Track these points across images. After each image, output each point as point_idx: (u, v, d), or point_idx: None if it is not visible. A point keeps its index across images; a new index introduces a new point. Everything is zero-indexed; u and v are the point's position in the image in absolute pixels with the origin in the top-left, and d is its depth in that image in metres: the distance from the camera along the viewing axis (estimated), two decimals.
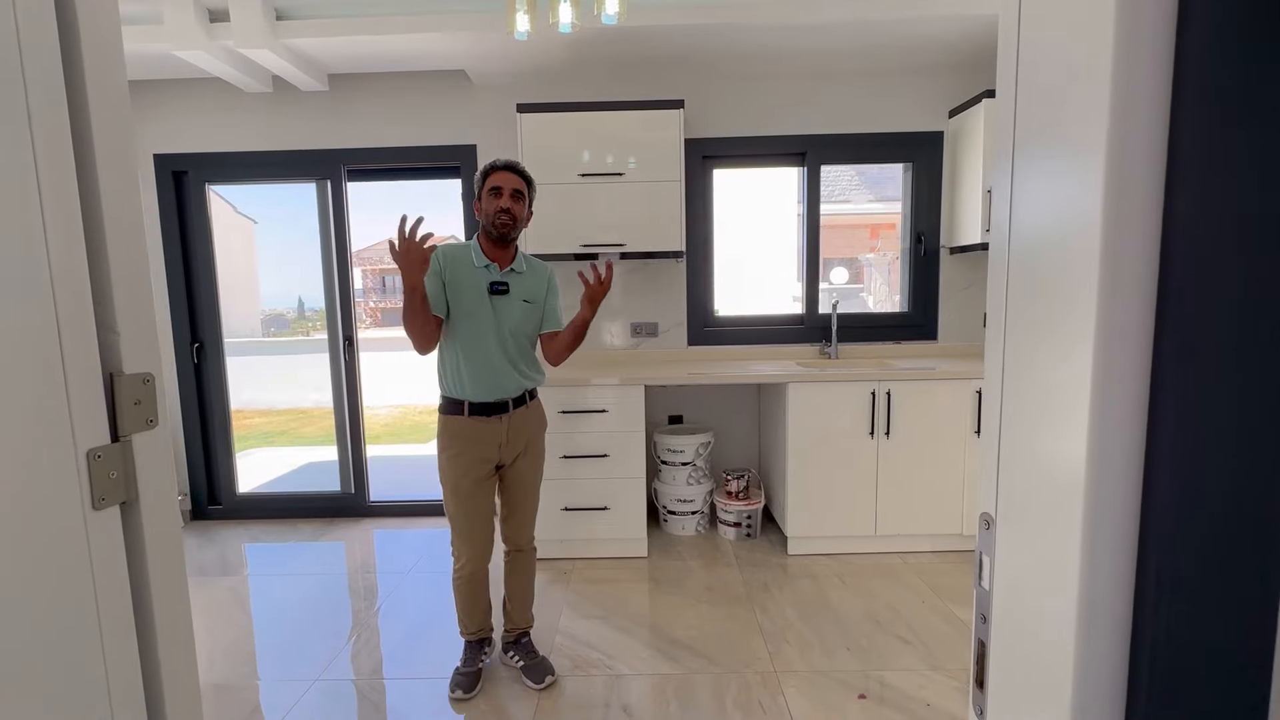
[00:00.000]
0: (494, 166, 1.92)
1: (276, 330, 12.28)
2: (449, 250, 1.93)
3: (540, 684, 2.00)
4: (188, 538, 3.33)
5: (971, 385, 2.77)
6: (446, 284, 1.89)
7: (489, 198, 1.90)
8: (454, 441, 1.92)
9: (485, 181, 1.91)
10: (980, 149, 2.95)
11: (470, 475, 1.93)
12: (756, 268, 10.17)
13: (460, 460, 1.92)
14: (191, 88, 3.26)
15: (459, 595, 2.03)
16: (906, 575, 2.69)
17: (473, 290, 1.90)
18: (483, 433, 1.93)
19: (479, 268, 1.92)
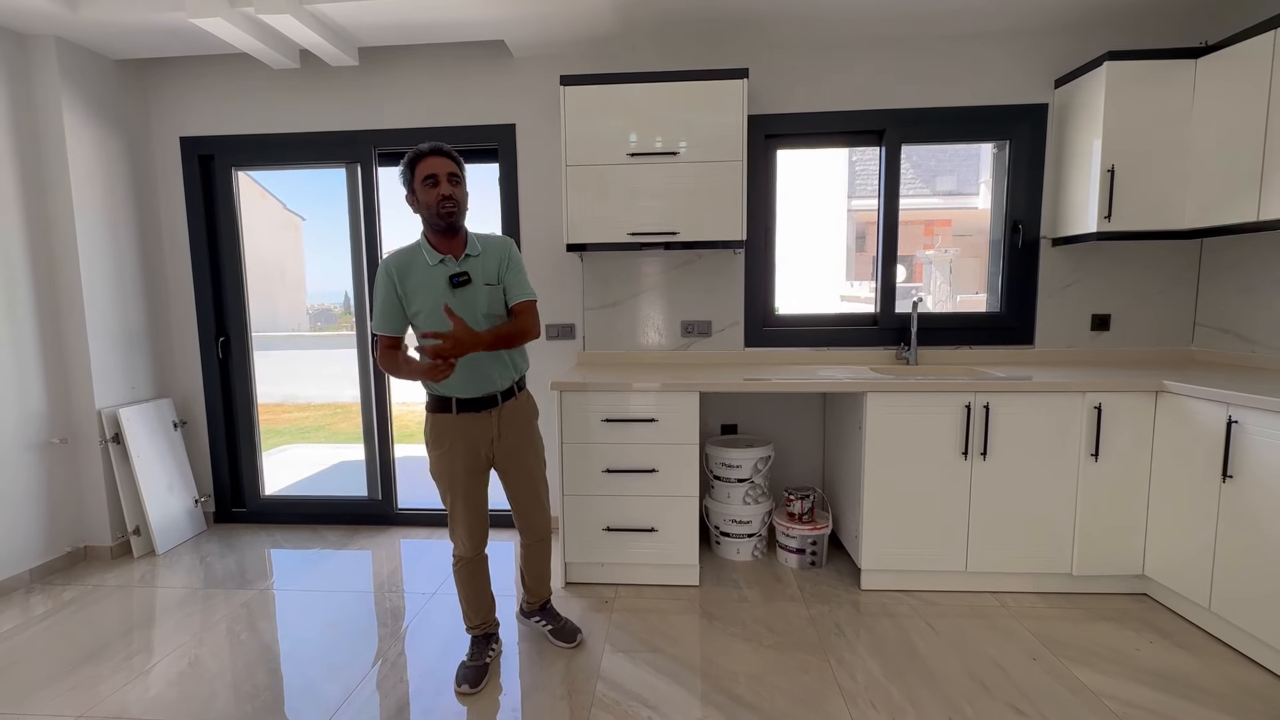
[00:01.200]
0: (420, 153, 1.81)
1: (323, 324, 12.45)
2: (398, 260, 1.84)
3: (572, 643, 2.14)
4: (208, 542, 3.15)
5: (1087, 400, 2.34)
6: (404, 296, 1.82)
7: (425, 188, 1.80)
8: (444, 438, 1.91)
9: (415, 172, 1.80)
10: (1099, 121, 2.51)
11: (464, 470, 1.94)
12: (798, 264, 9.73)
13: (453, 457, 1.92)
14: (217, 65, 3.08)
15: (462, 582, 2.04)
16: (1006, 621, 2.28)
17: (433, 290, 1.82)
18: (473, 429, 1.92)
19: (433, 265, 1.83)
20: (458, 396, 1.89)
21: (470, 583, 2.05)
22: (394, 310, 1.83)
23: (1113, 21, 2.73)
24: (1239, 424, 2.00)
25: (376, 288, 1.84)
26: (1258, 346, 2.57)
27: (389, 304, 1.83)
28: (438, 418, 1.92)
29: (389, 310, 1.83)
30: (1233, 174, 2.32)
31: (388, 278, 1.82)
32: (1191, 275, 2.85)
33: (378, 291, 1.84)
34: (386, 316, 1.84)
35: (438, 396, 1.92)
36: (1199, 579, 2.15)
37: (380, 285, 1.83)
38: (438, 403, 1.92)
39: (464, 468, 1.93)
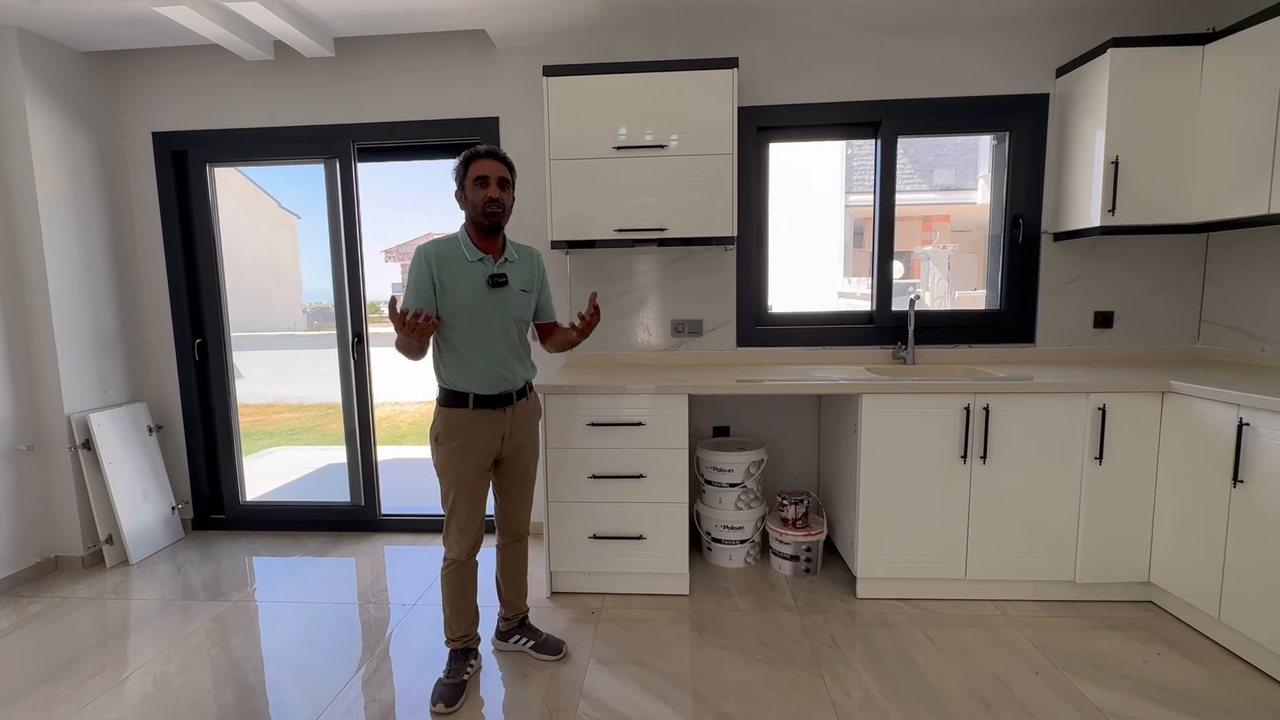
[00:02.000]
0: (476, 154, 1.86)
1: (320, 323, 12.36)
2: (438, 249, 1.86)
3: (558, 655, 2.08)
4: (185, 551, 3.06)
5: (1091, 401, 2.25)
6: (440, 285, 1.83)
7: (475, 188, 1.84)
8: (458, 433, 1.88)
9: (468, 170, 1.85)
10: (1102, 111, 2.41)
11: (475, 467, 1.91)
12: (795, 261, 9.64)
13: (465, 452, 1.89)
14: (188, 57, 2.97)
15: (450, 587, 1.97)
16: (1008, 632, 2.19)
17: (470, 285, 1.85)
18: (488, 425, 1.91)
19: (473, 262, 1.87)
20: (476, 392, 1.88)
21: (458, 589, 1.98)
22: (426, 297, 1.83)
23: (1116, 7, 2.63)
24: (1250, 426, 1.91)
25: (411, 274, 1.84)
26: (1267, 344, 2.49)
27: (423, 290, 1.83)
28: (452, 412, 1.89)
29: (422, 297, 1.83)
30: (1242, 165, 2.23)
31: (426, 265, 1.83)
32: (1198, 271, 2.76)
33: (411, 277, 1.84)
34: (418, 302, 1.82)
35: (454, 391, 1.89)
36: (1208, 588, 2.06)
37: (417, 271, 1.83)
38: (453, 397, 1.89)
39: (474, 463, 1.91)
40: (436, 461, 1.92)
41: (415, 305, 1.81)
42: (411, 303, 1.82)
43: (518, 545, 2.14)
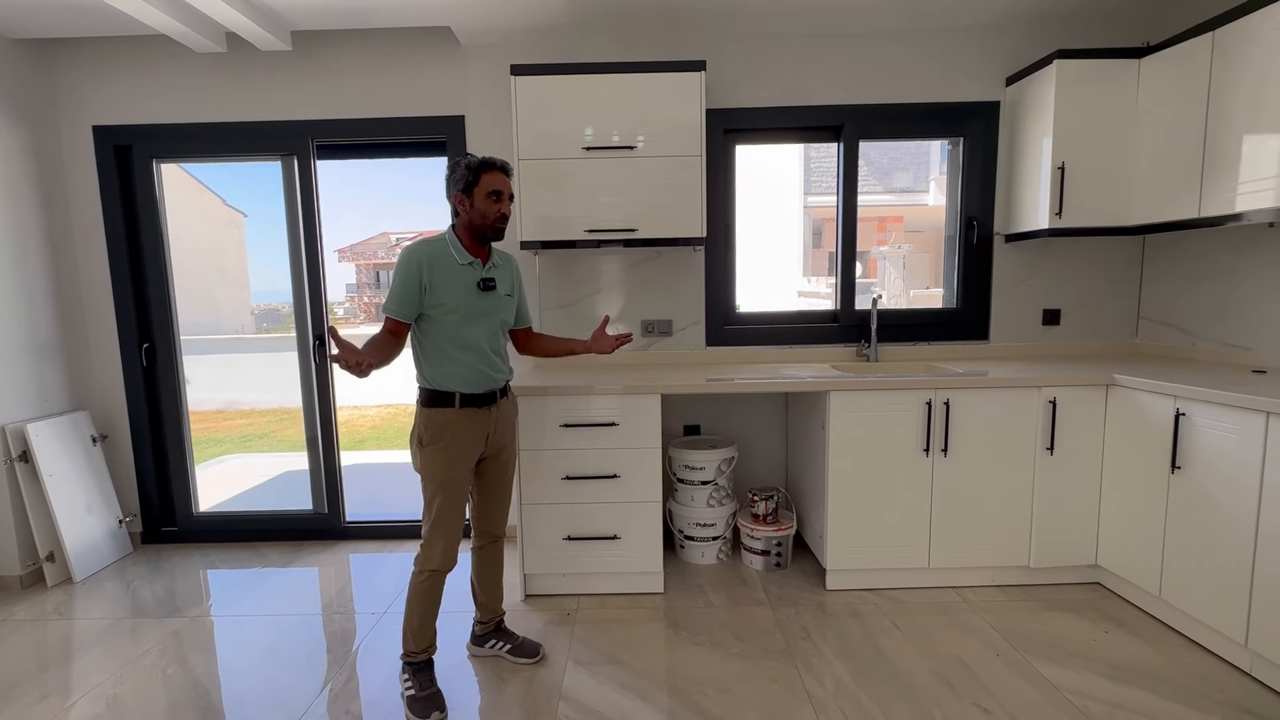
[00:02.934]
0: (492, 165, 1.85)
1: (270, 325, 11.86)
2: (428, 251, 1.83)
3: (535, 658, 2.09)
4: (134, 566, 2.91)
5: (1042, 394, 2.37)
6: (428, 287, 1.81)
7: (489, 200, 1.84)
8: (444, 433, 1.86)
9: (480, 180, 1.83)
10: (1049, 119, 2.54)
11: (460, 468, 1.89)
12: (756, 261, 9.80)
13: (451, 453, 1.87)
14: (133, 47, 2.83)
15: (426, 598, 1.91)
16: (968, 616, 2.29)
17: (460, 287, 1.84)
18: (473, 424, 1.89)
19: (464, 265, 1.86)
20: (462, 391, 1.87)
21: (433, 601, 1.92)
22: (412, 297, 1.80)
23: (1063, 20, 2.77)
24: (1186, 416, 2.05)
25: (399, 272, 1.81)
26: (1197, 339, 2.66)
27: (409, 290, 1.80)
28: (437, 412, 1.86)
29: (409, 297, 1.80)
30: (1175, 172, 2.38)
31: (417, 266, 1.80)
32: (1135, 271, 2.94)
33: (399, 276, 1.80)
34: (405, 302, 1.80)
35: (439, 391, 1.86)
36: (1149, 568, 2.20)
37: (406, 271, 1.79)
38: (438, 397, 1.86)
39: (460, 465, 1.89)
40: (420, 465, 1.88)
41: (400, 303, 1.80)
42: (396, 301, 1.80)
43: (494, 546, 2.12)
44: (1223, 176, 2.19)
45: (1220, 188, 2.20)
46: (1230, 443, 1.90)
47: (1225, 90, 2.18)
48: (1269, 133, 2.04)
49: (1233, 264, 2.51)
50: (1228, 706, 1.78)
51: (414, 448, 1.90)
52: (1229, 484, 1.91)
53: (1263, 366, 2.35)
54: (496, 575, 2.15)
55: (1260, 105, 2.06)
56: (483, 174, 1.84)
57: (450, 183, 1.87)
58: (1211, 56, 2.22)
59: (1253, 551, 1.84)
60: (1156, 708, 1.78)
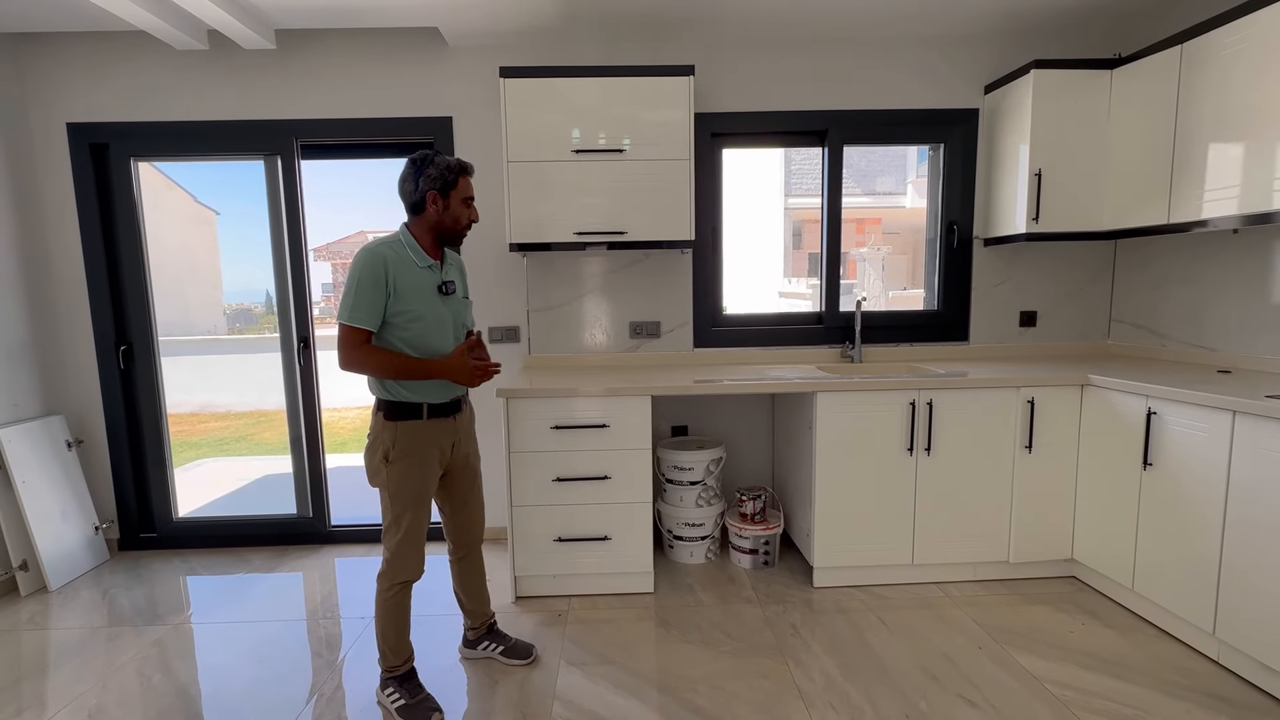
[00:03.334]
0: (469, 169, 1.82)
1: (243, 326, 11.60)
2: (393, 253, 1.74)
3: (528, 658, 2.08)
4: (111, 574, 2.85)
5: (1021, 394, 2.44)
6: (394, 292, 1.72)
7: (462, 205, 1.81)
8: (413, 446, 1.79)
9: (458, 183, 1.79)
10: (1026, 127, 2.62)
11: (430, 481, 1.85)
12: (739, 262, 9.88)
13: (421, 466, 1.81)
14: (112, 44, 2.76)
15: (400, 611, 1.86)
16: (951, 611, 2.35)
17: (423, 292, 1.77)
18: (440, 435, 1.85)
19: (424, 268, 1.79)
20: (429, 401, 1.80)
21: (406, 612, 1.88)
22: (380, 303, 1.70)
23: (1039, 31, 2.85)
24: (1158, 415, 2.13)
25: (364, 276, 1.67)
26: (1167, 340, 2.76)
27: (377, 295, 1.69)
28: (406, 425, 1.77)
29: (377, 303, 1.69)
30: (1145, 179, 2.47)
31: (384, 269, 1.69)
32: (1108, 274, 3.04)
33: (366, 280, 1.67)
34: (372, 309, 1.69)
35: (405, 403, 1.77)
36: (1123, 561, 2.28)
37: (372, 275, 1.68)
38: (404, 409, 1.77)
39: (430, 477, 1.84)
40: (387, 482, 1.78)
41: (369, 313, 1.68)
42: (363, 307, 1.67)
43: (475, 556, 2.09)
44: (1190, 184, 2.28)
45: (1188, 195, 2.29)
46: (1199, 440, 1.99)
47: (1192, 101, 2.26)
48: (1233, 142, 2.13)
49: (1200, 268, 2.61)
50: (1197, 693, 1.86)
51: (377, 464, 1.78)
52: (1198, 480, 1.99)
53: (1227, 367, 2.45)
54: (481, 581, 2.13)
55: (1225, 116, 2.15)
56: (460, 177, 1.78)
57: (420, 177, 1.75)
58: (1180, 69, 2.31)
59: (1220, 544, 1.92)
60: (1130, 695, 1.85)
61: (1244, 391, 1.94)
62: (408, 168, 1.78)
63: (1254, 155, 2.06)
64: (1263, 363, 2.35)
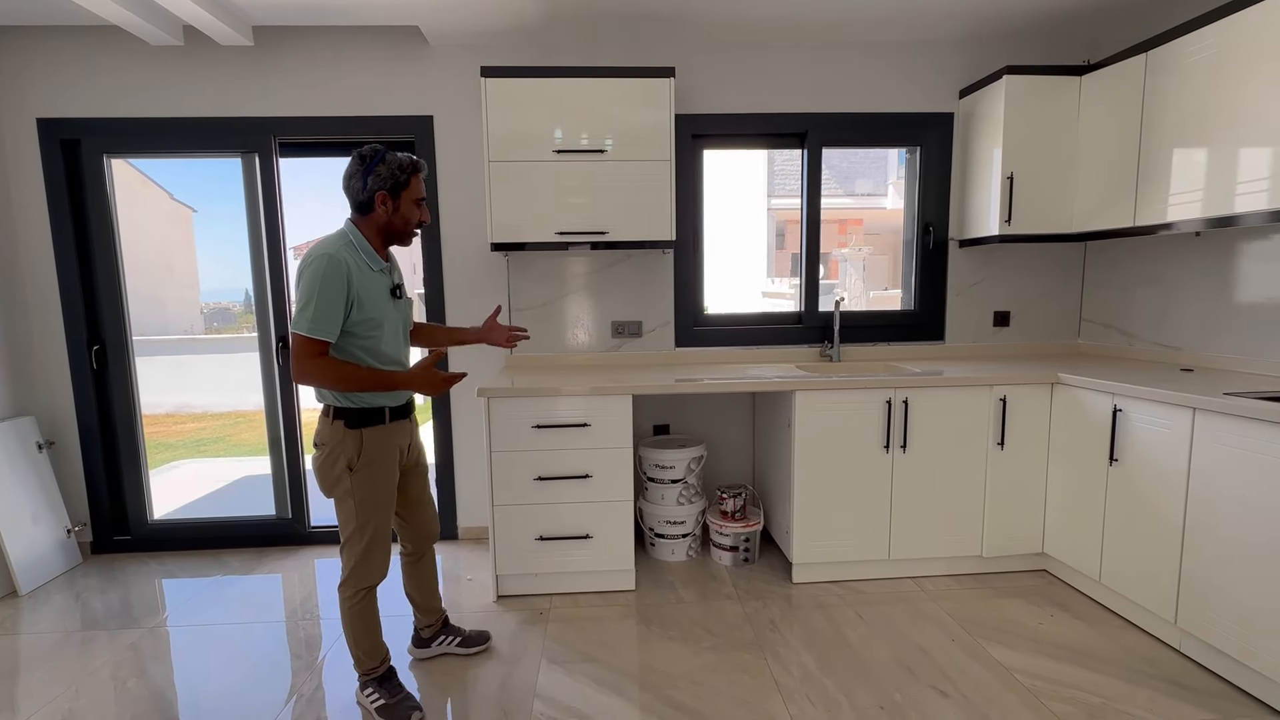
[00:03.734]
0: (421, 168, 1.77)
1: (221, 325, 11.40)
2: (352, 258, 1.67)
3: (485, 645, 2.14)
4: (86, 576, 2.80)
5: (994, 392, 2.50)
6: (357, 301, 1.65)
7: (413, 206, 1.76)
8: (377, 452, 1.76)
9: (410, 183, 1.73)
10: (999, 131, 2.68)
11: (393, 484, 1.83)
12: (722, 262, 9.95)
13: (384, 472, 1.79)
14: (84, 38, 2.72)
15: (369, 614, 1.84)
16: (926, 605, 2.40)
17: (379, 299, 1.72)
18: (399, 437, 1.84)
19: (377, 272, 1.74)
20: (390, 405, 1.78)
21: (376, 614, 1.86)
22: (340, 313, 1.61)
23: (1012, 37, 2.92)
24: (1123, 412, 2.19)
25: (325, 283, 1.58)
26: (1134, 340, 2.84)
27: (338, 305, 1.60)
28: (369, 432, 1.72)
29: (336, 313, 1.60)
30: (1112, 183, 2.54)
31: (346, 276, 1.60)
32: (1078, 275, 3.11)
33: (327, 288, 1.58)
34: (332, 320, 1.59)
35: (368, 409, 1.73)
36: (1090, 554, 2.35)
37: (333, 282, 1.58)
38: (367, 415, 1.72)
39: (392, 482, 1.82)
40: (352, 490, 1.72)
41: (329, 323, 1.59)
42: (324, 317, 1.58)
43: (430, 555, 2.09)
44: (1155, 188, 2.35)
45: (1153, 199, 2.36)
46: (1161, 436, 2.05)
47: (1157, 107, 2.33)
48: (1196, 147, 2.20)
49: (1165, 270, 2.69)
50: (1160, 680, 1.92)
51: (339, 474, 1.72)
52: (1160, 475, 2.06)
53: (1190, 365, 2.53)
54: (433, 579, 2.12)
55: (1187, 122, 2.22)
56: (413, 177, 1.72)
57: (369, 175, 1.66)
58: (1145, 76, 2.38)
59: (1181, 537, 1.99)
60: (1096, 684, 1.91)
61: (1204, 389, 2.01)
62: (354, 164, 1.69)
63: (1216, 160, 2.13)
64: (1223, 361, 2.43)
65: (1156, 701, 1.83)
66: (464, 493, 3.08)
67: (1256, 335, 2.32)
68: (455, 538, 3.11)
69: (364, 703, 1.88)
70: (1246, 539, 1.80)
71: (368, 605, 1.83)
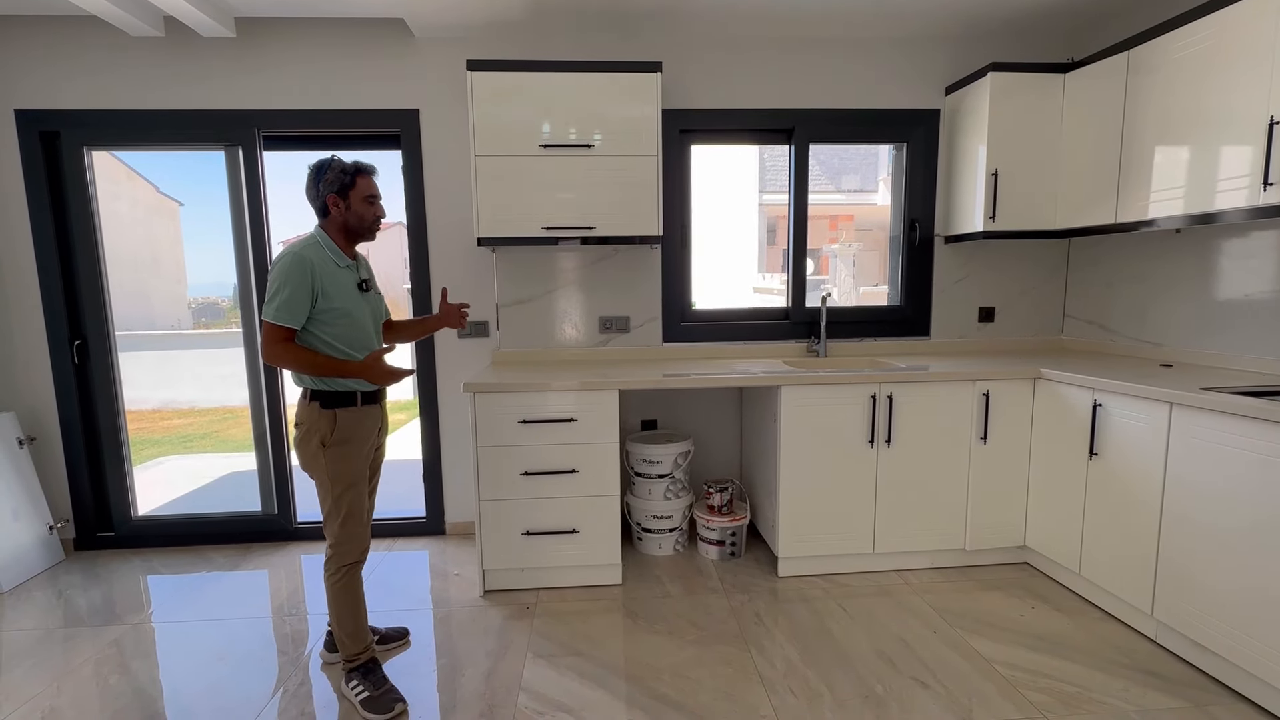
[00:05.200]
0: (367, 170, 1.89)
1: (209, 320, 11.28)
2: (316, 255, 1.82)
3: (403, 639, 2.21)
4: (68, 574, 2.78)
5: (977, 388, 2.52)
6: (321, 293, 1.80)
7: (365, 204, 1.88)
8: (349, 430, 1.88)
9: (355, 183, 1.86)
10: (984, 128, 2.69)
11: (365, 462, 1.93)
12: (712, 257, 9.95)
13: (356, 449, 1.90)
14: (63, 28, 2.68)
15: (353, 593, 1.93)
16: (909, 598, 2.43)
17: (345, 291, 1.87)
18: (370, 421, 1.94)
19: (344, 268, 1.88)
20: (361, 390, 1.90)
21: (360, 594, 1.94)
22: (306, 304, 1.78)
23: (997, 34, 2.93)
24: (1103, 407, 2.22)
25: (291, 276, 1.76)
26: (1116, 336, 2.88)
27: (303, 297, 1.77)
28: (342, 413, 1.87)
29: (301, 303, 1.77)
30: (1095, 179, 2.56)
31: (310, 271, 1.78)
32: (1062, 271, 3.14)
33: (293, 280, 1.76)
34: (297, 309, 1.77)
35: (339, 392, 1.87)
36: (1070, 547, 2.38)
37: (299, 275, 1.76)
38: (340, 398, 1.87)
39: (364, 460, 1.93)
40: (324, 466, 1.86)
41: (293, 312, 1.76)
42: (288, 307, 1.75)
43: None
44: (1137, 185, 2.37)
45: (1135, 195, 2.39)
46: (1139, 431, 2.08)
47: (1139, 105, 2.36)
48: (1177, 145, 2.22)
49: (1146, 267, 2.72)
50: (1135, 670, 1.96)
51: (314, 450, 1.86)
52: (1138, 469, 2.09)
53: (1170, 361, 2.57)
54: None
55: (1168, 120, 2.24)
56: (358, 178, 1.86)
57: (320, 184, 1.84)
58: (1127, 73, 2.40)
59: (1158, 529, 2.02)
60: (1073, 673, 1.94)
61: (1181, 384, 2.03)
62: (309, 176, 1.87)
63: (1197, 157, 2.15)
64: (1202, 357, 2.46)
65: (1131, 690, 1.86)
66: (451, 488, 3.08)
67: (1235, 332, 2.35)
68: (443, 533, 3.11)
69: (348, 694, 1.89)
70: (1221, 531, 1.83)
71: (350, 584, 1.92)
